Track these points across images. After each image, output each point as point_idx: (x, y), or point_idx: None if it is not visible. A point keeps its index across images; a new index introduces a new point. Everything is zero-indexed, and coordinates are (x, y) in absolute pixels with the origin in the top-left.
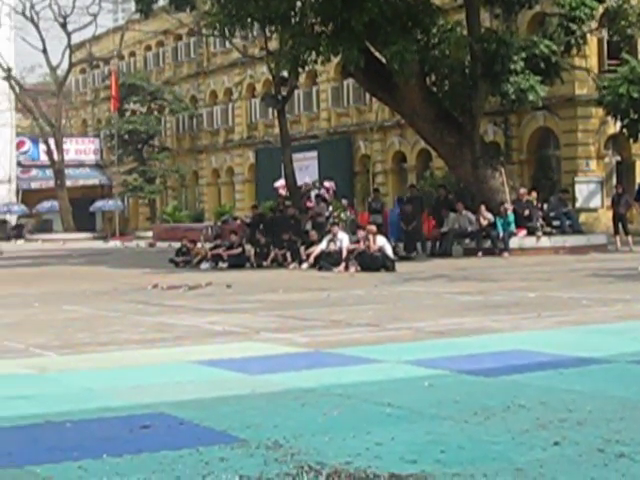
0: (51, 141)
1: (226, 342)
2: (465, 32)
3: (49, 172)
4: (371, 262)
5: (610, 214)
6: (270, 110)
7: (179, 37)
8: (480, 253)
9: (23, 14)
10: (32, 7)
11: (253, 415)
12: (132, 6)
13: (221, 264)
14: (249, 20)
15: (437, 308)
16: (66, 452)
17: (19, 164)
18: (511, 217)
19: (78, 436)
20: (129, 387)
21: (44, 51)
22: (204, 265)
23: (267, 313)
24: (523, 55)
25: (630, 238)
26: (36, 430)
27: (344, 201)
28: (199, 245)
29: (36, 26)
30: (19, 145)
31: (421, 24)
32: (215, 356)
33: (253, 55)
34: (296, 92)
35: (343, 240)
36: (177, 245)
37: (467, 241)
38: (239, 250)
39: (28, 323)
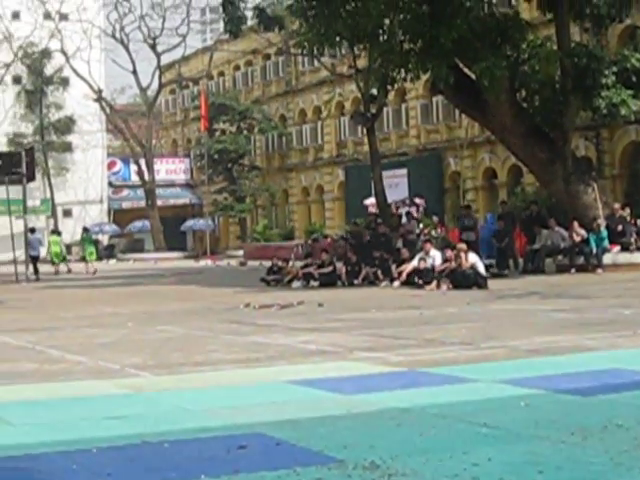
0: (142, 161)
1: (320, 361)
2: (555, 47)
3: (140, 192)
4: (463, 279)
5: None
6: (359, 128)
7: (268, 56)
8: (573, 270)
9: (113, 36)
10: (122, 29)
11: (349, 435)
12: (220, 26)
13: (312, 282)
14: (338, 38)
15: (531, 326)
16: (164, 473)
17: (110, 184)
18: (604, 233)
19: (175, 456)
20: (225, 407)
21: (134, 72)
22: (295, 284)
23: (360, 332)
24: (614, 69)
25: None
26: (133, 450)
27: (434, 218)
28: (290, 264)
29: (126, 48)
30: (110, 166)
31: (511, 40)
32: (309, 376)
33: (342, 73)
34: (385, 109)
35: (435, 257)
36: (268, 264)
37: (560, 257)
38: (330, 268)
39: (123, 343)
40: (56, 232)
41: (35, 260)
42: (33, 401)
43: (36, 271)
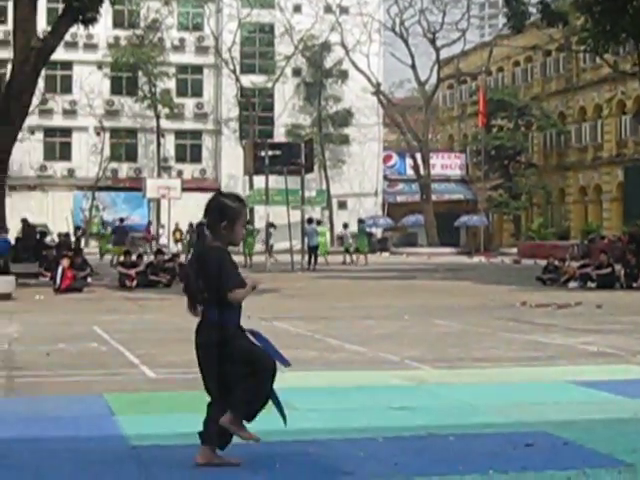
0: (418, 155)
1: (602, 363)
2: None
3: (415, 186)
4: None
5: None
6: None
7: (548, 52)
8: None
9: (393, 30)
10: (402, 23)
11: (638, 439)
12: (500, 21)
13: (589, 283)
14: (624, 35)
15: None
16: (450, 465)
17: (385, 178)
18: None
19: (462, 450)
20: (508, 404)
21: (413, 66)
22: (572, 284)
23: None
24: None
25: None
26: (419, 441)
27: None
28: (566, 263)
29: (405, 42)
30: (386, 159)
31: None
32: (592, 377)
33: (625, 71)
34: None
35: None
36: (543, 263)
37: None
38: (609, 270)
39: (401, 335)
40: (320, 223)
41: (313, 250)
42: (316, 388)
43: (315, 261)
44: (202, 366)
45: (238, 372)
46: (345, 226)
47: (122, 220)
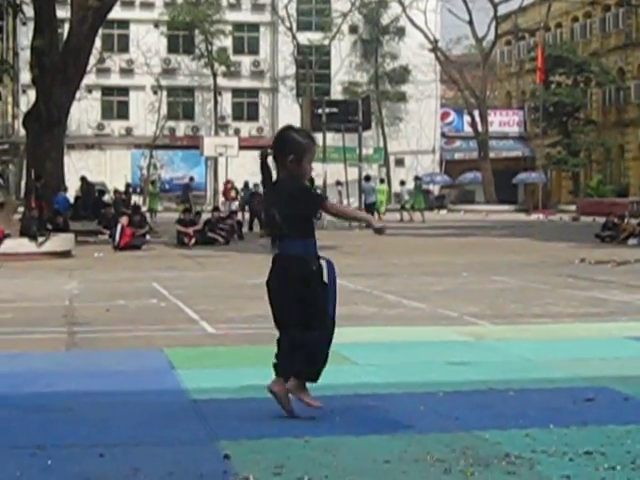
0: (475, 112)
1: None
2: None
3: (472, 143)
4: None
5: None
6: None
7: (607, 7)
8: None
9: None
10: None
11: None
12: None
13: None
14: None
15: None
16: (511, 420)
17: (443, 135)
18: None
19: (522, 404)
20: (567, 359)
21: (470, 23)
22: (631, 241)
23: None
24: None
25: None
26: (479, 396)
27: None
28: (626, 220)
29: None
30: (443, 116)
31: None
32: None
33: None
34: None
35: None
36: (602, 220)
37: None
38: None
39: (459, 292)
40: (384, 181)
41: (370, 208)
42: (376, 343)
43: None
44: (276, 300)
45: (308, 315)
46: (402, 183)
47: (192, 179)
